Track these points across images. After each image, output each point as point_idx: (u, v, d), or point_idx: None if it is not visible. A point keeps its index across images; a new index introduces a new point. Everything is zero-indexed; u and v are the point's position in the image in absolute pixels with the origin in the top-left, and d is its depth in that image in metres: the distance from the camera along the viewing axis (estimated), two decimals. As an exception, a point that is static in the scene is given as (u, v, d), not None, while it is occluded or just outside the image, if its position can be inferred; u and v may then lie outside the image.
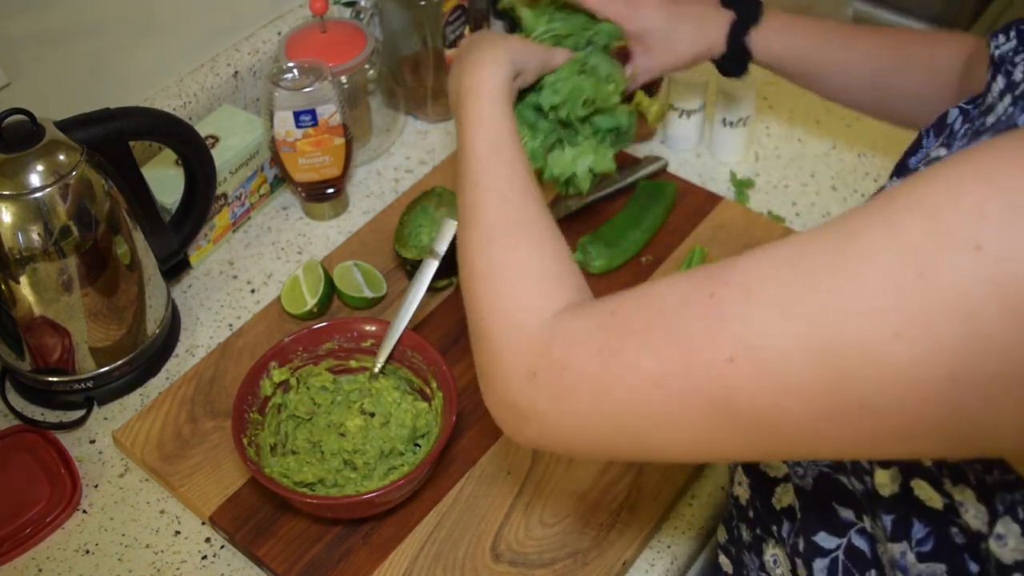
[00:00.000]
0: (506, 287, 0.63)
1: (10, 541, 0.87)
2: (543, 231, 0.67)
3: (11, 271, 0.88)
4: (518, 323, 0.60)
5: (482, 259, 0.66)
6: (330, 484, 0.88)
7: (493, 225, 0.67)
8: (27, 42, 1.00)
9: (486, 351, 0.63)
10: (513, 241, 0.66)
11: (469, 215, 0.70)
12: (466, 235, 0.70)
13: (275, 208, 1.20)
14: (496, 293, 0.63)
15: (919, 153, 0.72)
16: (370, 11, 1.27)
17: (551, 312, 0.59)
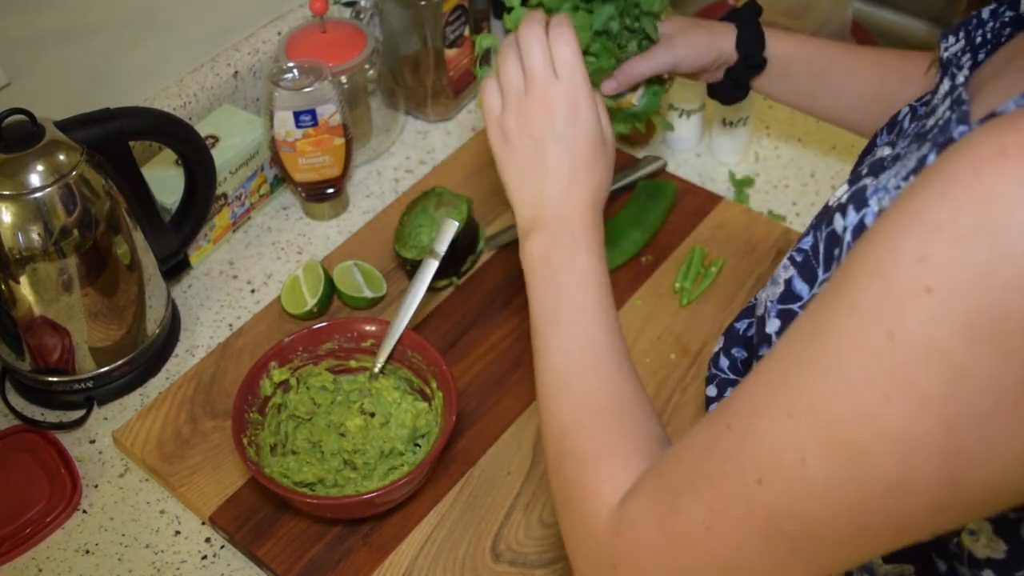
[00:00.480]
0: (586, 470, 0.61)
1: (10, 541, 0.87)
2: (626, 401, 0.64)
3: (11, 271, 0.88)
4: (593, 513, 0.59)
5: (568, 436, 0.63)
6: (330, 484, 0.88)
7: (581, 405, 0.64)
8: (27, 42, 1.00)
9: (568, 540, 0.62)
10: (594, 422, 0.63)
11: (553, 390, 0.66)
12: (550, 413, 0.65)
13: (275, 208, 1.20)
14: (573, 477, 0.62)
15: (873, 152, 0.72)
16: (370, 11, 1.27)
17: (620, 495, 0.58)
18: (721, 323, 1.03)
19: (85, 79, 1.08)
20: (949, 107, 0.55)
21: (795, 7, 1.51)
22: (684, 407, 0.95)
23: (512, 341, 1.02)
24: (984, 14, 0.64)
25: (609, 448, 0.61)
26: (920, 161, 0.50)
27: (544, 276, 0.70)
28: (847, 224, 0.55)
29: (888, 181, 0.53)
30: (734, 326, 0.81)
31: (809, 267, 0.59)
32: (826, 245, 0.57)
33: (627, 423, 0.62)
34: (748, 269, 1.08)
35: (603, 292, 0.69)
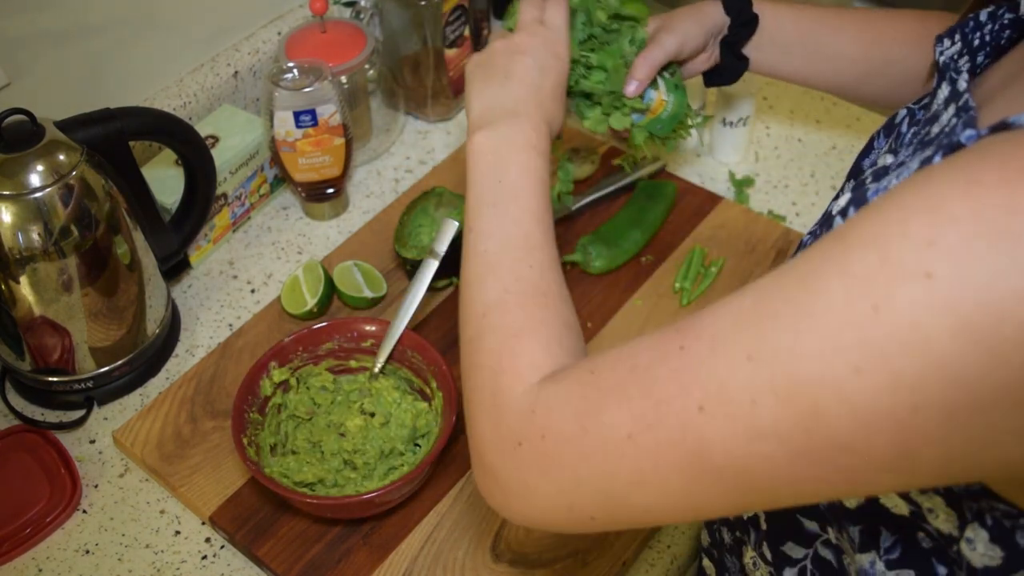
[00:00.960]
0: (504, 346, 0.62)
1: (10, 541, 0.87)
2: (552, 294, 0.65)
3: (11, 271, 0.88)
4: (506, 388, 0.59)
5: (490, 314, 0.65)
6: (330, 484, 0.88)
7: (507, 289, 0.66)
8: (27, 42, 1.00)
9: (474, 417, 0.62)
10: (519, 304, 0.64)
11: (484, 270, 0.68)
12: (475, 290, 0.67)
13: (275, 208, 1.20)
14: (491, 351, 0.62)
15: (871, 155, 0.72)
16: (370, 11, 1.27)
17: (539, 375, 0.58)
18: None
19: (85, 79, 1.08)
20: (955, 113, 0.54)
21: (795, 7, 1.51)
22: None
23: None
24: (982, 16, 0.63)
25: (532, 330, 0.61)
26: (924, 162, 0.50)
27: (489, 164, 0.74)
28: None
29: (890, 183, 0.52)
30: None
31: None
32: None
33: (551, 312, 0.63)
34: (748, 269, 1.08)
35: (543, 193, 0.72)
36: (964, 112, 0.52)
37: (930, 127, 0.58)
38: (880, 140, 0.72)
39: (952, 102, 0.56)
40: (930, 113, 0.60)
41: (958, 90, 0.55)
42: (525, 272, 0.66)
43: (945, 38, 0.64)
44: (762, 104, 1.30)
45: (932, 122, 0.59)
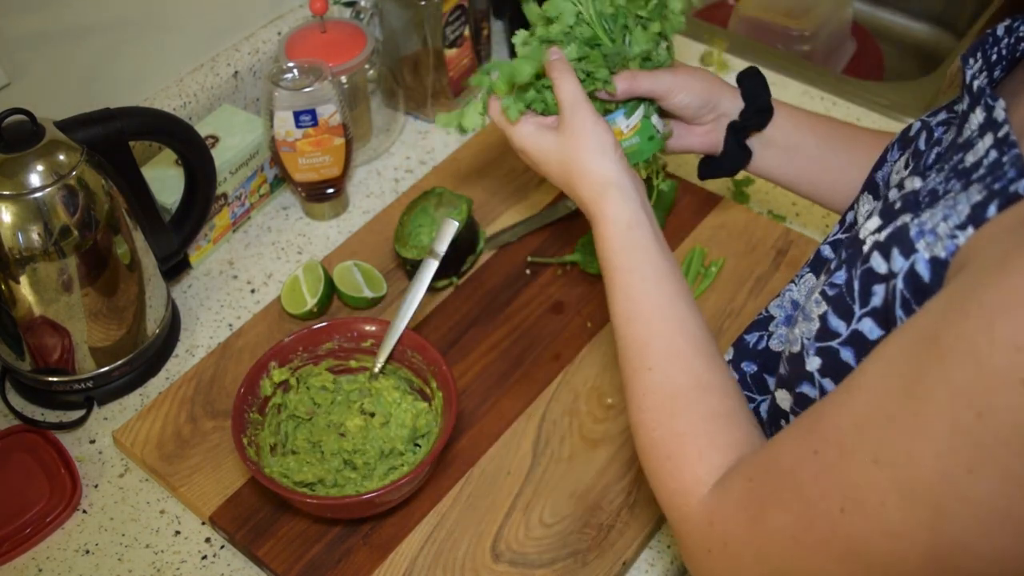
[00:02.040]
0: (663, 470, 0.66)
1: (10, 541, 0.87)
2: (692, 391, 0.67)
3: (11, 271, 0.88)
4: (682, 506, 0.63)
5: (639, 436, 0.68)
6: (330, 484, 0.88)
7: (644, 400, 0.68)
8: (27, 42, 1.00)
9: (671, 526, 0.66)
10: (662, 417, 0.67)
11: (626, 386, 0.70)
12: (628, 405, 0.70)
13: (275, 208, 1.20)
14: (656, 474, 0.67)
15: (884, 168, 0.71)
16: (370, 11, 1.27)
17: (708, 487, 0.62)
18: (721, 323, 1.03)
19: (85, 79, 1.08)
20: (994, 145, 0.54)
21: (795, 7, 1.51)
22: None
23: (512, 341, 1.02)
24: (999, 31, 0.63)
25: (679, 446, 0.65)
26: (976, 209, 0.50)
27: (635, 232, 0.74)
28: (894, 269, 0.55)
29: (937, 225, 0.52)
30: (744, 339, 0.81)
31: (844, 304, 0.59)
32: (862, 283, 0.57)
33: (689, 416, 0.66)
34: (748, 269, 1.08)
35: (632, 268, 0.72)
36: (1007, 148, 0.52)
37: (963, 155, 0.57)
38: (894, 153, 0.71)
39: (989, 131, 0.55)
40: (962, 138, 0.59)
41: (995, 120, 0.55)
42: (646, 379, 0.68)
43: (970, 57, 0.64)
44: (762, 104, 1.30)
45: (965, 149, 0.57)
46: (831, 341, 0.60)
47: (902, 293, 0.53)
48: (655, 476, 0.66)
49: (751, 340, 0.80)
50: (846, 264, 0.60)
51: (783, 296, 0.79)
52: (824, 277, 0.62)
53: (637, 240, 0.73)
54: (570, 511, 0.88)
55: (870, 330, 0.57)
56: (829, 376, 0.61)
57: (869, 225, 0.59)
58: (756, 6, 1.53)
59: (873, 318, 0.57)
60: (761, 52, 1.39)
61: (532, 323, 1.04)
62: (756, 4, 1.53)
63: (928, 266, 0.52)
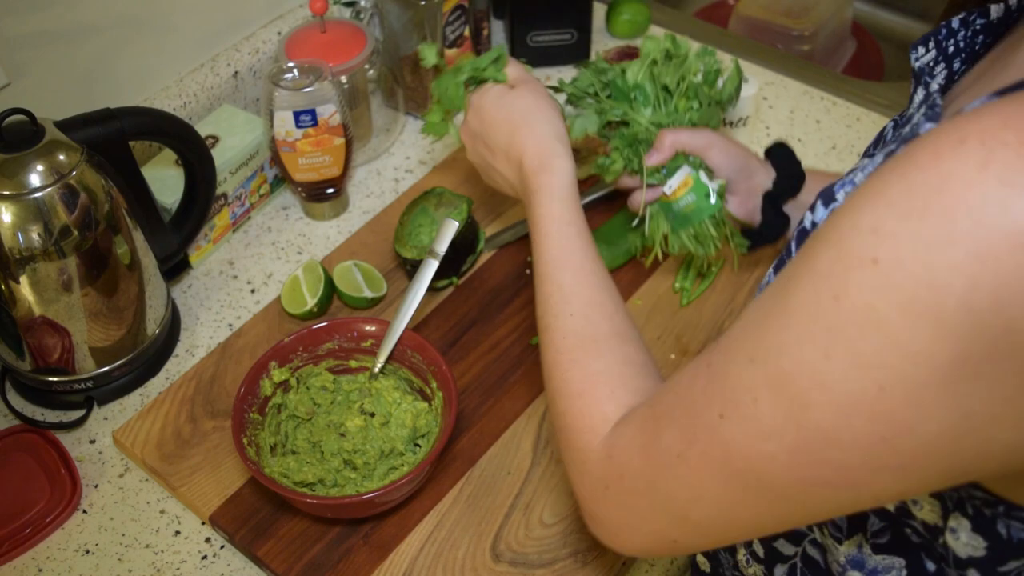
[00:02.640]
0: (573, 407, 0.68)
1: (10, 541, 0.87)
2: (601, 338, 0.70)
3: (11, 271, 0.88)
4: (586, 444, 0.65)
5: (554, 377, 0.71)
6: (330, 484, 0.88)
7: (557, 349, 0.72)
8: (27, 42, 1.00)
9: (568, 471, 0.68)
10: (572, 361, 0.70)
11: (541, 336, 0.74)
12: (544, 350, 0.73)
13: (275, 208, 1.20)
14: (565, 413, 0.68)
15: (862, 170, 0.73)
16: (370, 11, 1.27)
17: (611, 425, 0.63)
18: (721, 323, 1.03)
19: (85, 79, 1.08)
20: (923, 113, 0.56)
21: (795, 7, 1.51)
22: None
23: (512, 341, 1.02)
24: (954, 23, 0.64)
25: (591, 385, 0.67)
26: (888, 156, 0.52)
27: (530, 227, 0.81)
28: (816, 219, 0.58)
29: (856, 176, 0.56)
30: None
31: (782, 265, 0.61)
32: (797, 240, 0.60)
33: (605, 358, 0.68)
34: (748, 269, 1.08)
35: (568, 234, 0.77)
36: (931, 109, 0.54)
37: (903, 130, 0.60)
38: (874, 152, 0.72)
39: (924, 103, 0.57)
40: (905, 117, 0.62)
41: (930, 92, 0.57)
42: (568, 324, 0.72)
43: (919, 46, 0.65)
44: (762, 104, 1.30)
45: (906, 124, 0.60)
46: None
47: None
48: (563, 416, 0.68)
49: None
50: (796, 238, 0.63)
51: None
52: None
53: (575, 205, 0.80)
54: (570, 511, 0.88)
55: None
56: None
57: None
58: (756, 6, 1.53)
59: None
60: (761, 52, 1.39)
61: (532, 323, 1.04)
62: (756, 4, 1.53)
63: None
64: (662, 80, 0.92)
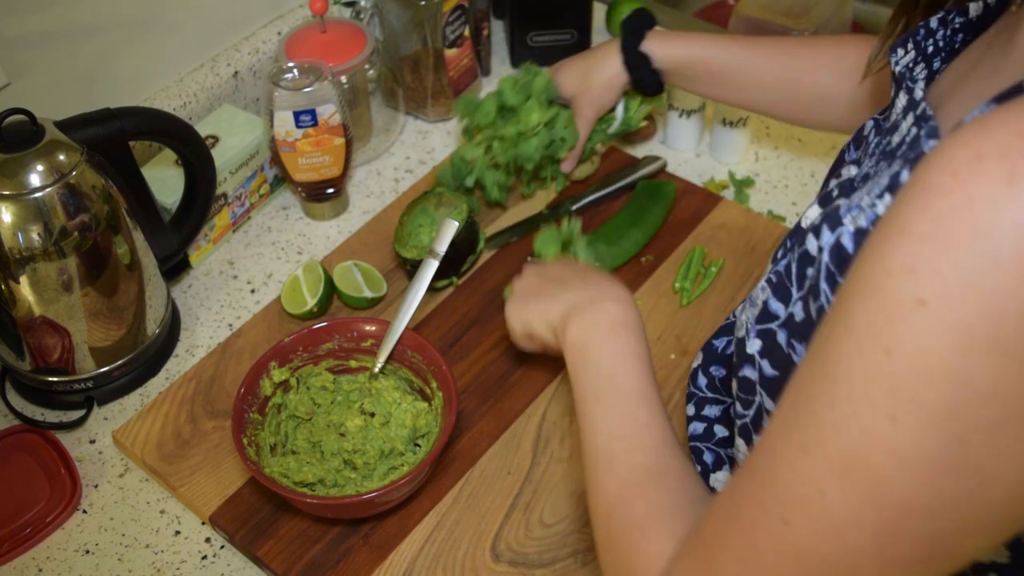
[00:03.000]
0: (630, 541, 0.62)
1: (10, 541, 0.87)
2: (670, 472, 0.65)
3: (11, 271, 0.88)
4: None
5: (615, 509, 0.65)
6: (330, 484, 0.88)
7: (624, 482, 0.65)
8: (27, 42, 1.00)
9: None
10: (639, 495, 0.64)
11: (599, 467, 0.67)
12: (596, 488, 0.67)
13: (275, 208, 1.20)
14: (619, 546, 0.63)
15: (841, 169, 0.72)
16: (370, 11, 1.27)
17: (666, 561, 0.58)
18: (721, 323, 1.03)
19: (85, 79, 1.08)
20: (914, 123, 0.54)
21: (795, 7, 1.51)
22: (684, 407, 0.95)
23: (512, 341, 1.02)
24: (932, 23, 0.63)
25: (655, 519, 0.61)
26: (893, 178, 0.50)
27: (583, 356, 0.72)
28: (822, 244, 0.55)
29: (861, 199, 0.52)
30: (712, 343, 0.81)
31: (783, 287, 0.59)
32: (799, 265, 0.57)
33: (671, 493, 0.62)
34: (748, 269, 1.08)
35: (640, 368, 0.70)
36: (924, 122, 0.52)
37: (891, 137, 0.58)
38: (851, 153, 0.71)
39: (911, 111, 0.56)
40: (890, 123, 0.60)
41: (915, 99, 0.55)
42: (639, 458, 0.66)
43: (899, 48, 0.63)
44: (762, 104, 1.30)
45: (892, 131, 0.59)
46: (770, 323, 0.60)
47: (827, 266, 0.53)
48: (616, 548, 0.63)
49: (719, 345, 0.81)
50: (787, 250, 0.60)
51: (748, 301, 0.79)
52: (771, 265, 0.63)
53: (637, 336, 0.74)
54: (570, 511, 0.88)
55: (798, 312, 0.57)
56: (767, 358, 0.60)
57: (810, 214, 0.59)
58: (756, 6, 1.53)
59: (802, 301, 0.56)
60: (761, 52, 1.39)
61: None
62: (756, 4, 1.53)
63: (852, 238, 0.51)
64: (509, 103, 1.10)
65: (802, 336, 0.56)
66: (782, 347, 0.58)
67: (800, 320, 0.56)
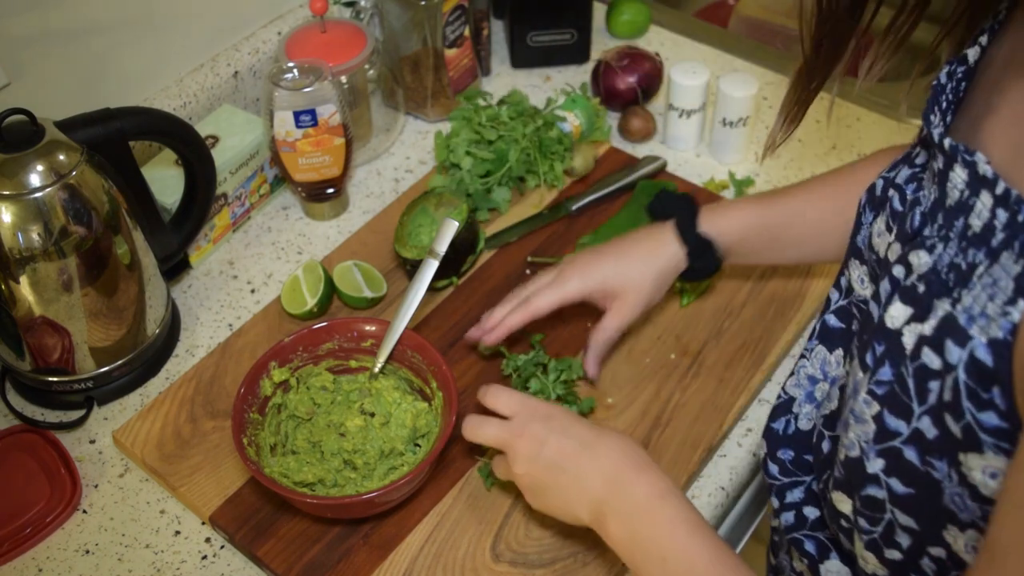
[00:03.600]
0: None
1: (10, 541, 0.87)
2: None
3: (11, 271, 0.88)
4: None
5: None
6: (330, 484, 0.88)
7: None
8: (27, 42, 1.00)
9: None
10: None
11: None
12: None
13: (275, 208, 1.20)
14: None
15: (861, 231, 0.70)
16: (370, 11, 1.27)
17: None
18: (721, 323, 1.03)
19: (85, 79, 1.08)
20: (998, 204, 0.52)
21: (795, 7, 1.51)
22: (684, 407, 0.95)
23: (512, 341, 1.02)
24: (942, 78, 0.63)
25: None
26: (1020, 280, 0.49)
27: (643, 550, 0.71)
28: (953, 362, 0.53)
29: (984, 306, 0.51)
30: (772, 427, 0.79)
31: (899, 402, 0.57)
32: (916, 380, 0.55)
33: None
34: (748, 269, 1.08)
35: (688, 528, 0.70)
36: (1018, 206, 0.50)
37: (965, 219, 0.55)
38: (867, 215, 0.70)
39: (983, 188, 0.53)
40: (951, 200, 0.57)
41: (984, 176, 0.53)
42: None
43: (930, 114, 0.62)
44: (762, 104, 1.30)
45: (964, 212, 0.56)
46: (892, 441, 0.58)
47: (966, 384, 0.51)
48: None
49: (779, 427, 0.78)
50: (888, 360, 0.58)
51: (798, 374, 0.78)
52: (864, 375, 0.60)
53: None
54: (570, 511, 0.88)
55: (928, 428, 0.55)
56: (895, 476, 0.59)
57: (895, 313, 0.57)
58: (756, 6, 1.53)
59: (930, 416, 0.55)
60: (761, 52, 1.39)
61: (532, 323, 1.03)
62: (756, 4, 1.53)
63: (988, 350, 0.50)
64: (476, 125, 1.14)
65: (941, 453, 0.55)
66: (914, 464, 0.57)
67: (934, 437, 0.55)
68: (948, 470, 0.55)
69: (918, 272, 0.58)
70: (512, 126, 1.15)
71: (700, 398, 0.96)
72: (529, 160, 1.15)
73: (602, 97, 1.28)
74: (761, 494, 1.06)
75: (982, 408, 0.51)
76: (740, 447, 0.95)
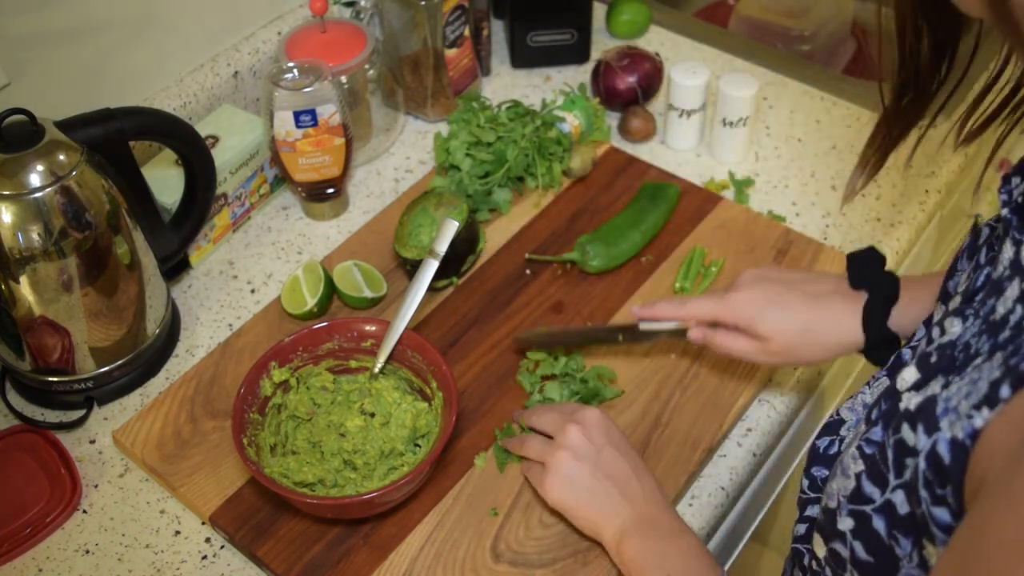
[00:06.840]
0: None
1: (10, 541, 0.87)
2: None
3: (11, 271, 0.88)
4: None
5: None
6: (330, 484, 0.88)
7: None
8: (27, 42, 1.00)
9: None
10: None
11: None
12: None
13: (275, 208, 1.20)
14: None
15: (955, 277, 0.69)
16: (370, 11, 1.27)
17: None
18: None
19: (85, 79, 1.08)
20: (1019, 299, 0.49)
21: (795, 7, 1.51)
22: (684, 407, 0.95)
23: (512, 341, 1.02)
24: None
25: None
26: (993, 389, 0.47)
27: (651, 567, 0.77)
28: (920, 447, 0.52)
29: (959, 403, 0.49)
30: (816, 444, 0.78)
31: (878, 470, 0.56)
32: (895, 452, 0.54)
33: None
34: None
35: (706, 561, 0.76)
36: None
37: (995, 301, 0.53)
38: (963, 262, 0.69)
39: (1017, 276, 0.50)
40: (996, 274, 0.54)
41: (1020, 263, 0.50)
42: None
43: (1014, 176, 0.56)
44: (762, 104, 1.30)
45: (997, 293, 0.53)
46: (864, 505, 0.57)
47: (924, 474, 0.51)
48: None
49: (822, 445, 0.77)
50: (883, 421, 0.57)
51: (855, 399, 0.77)
52: (864, 427, 0.59)
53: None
54: (570, 511, 0.88)
55: (900, 503, 0.54)
56: (859, 540, 0.58)
57: (906, 376, 0.56)
58: (756, 6, 1.53)
59: (904, 491, 0.54)
60: (761, 52, 1.39)
61: (532, 323, 1.04)
62: (756, 4, 1.53)
63: (948, 447, 0.49)
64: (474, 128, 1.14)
65: (907, 532, 0.54)
66: (880, 535, 0.56)
67: (904, 514, 0.54)
68: (911, 551, 0.53)
69: (939, 341, 0.55)
70: (511, 127, 1.15)
71: (700, 398, 0.96)
72: (528, 160, 1.15)
73: (602, 97, 1.28)
74: (761, 494, 1.06)
75: (936, 502, 0.50)
76: (740, 447, 0.95)
